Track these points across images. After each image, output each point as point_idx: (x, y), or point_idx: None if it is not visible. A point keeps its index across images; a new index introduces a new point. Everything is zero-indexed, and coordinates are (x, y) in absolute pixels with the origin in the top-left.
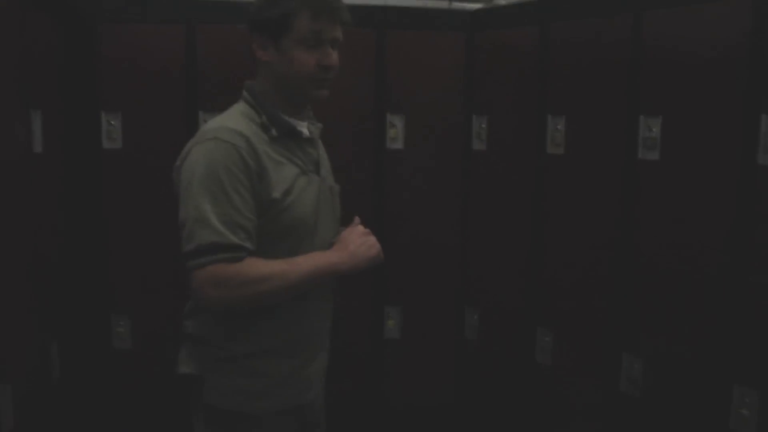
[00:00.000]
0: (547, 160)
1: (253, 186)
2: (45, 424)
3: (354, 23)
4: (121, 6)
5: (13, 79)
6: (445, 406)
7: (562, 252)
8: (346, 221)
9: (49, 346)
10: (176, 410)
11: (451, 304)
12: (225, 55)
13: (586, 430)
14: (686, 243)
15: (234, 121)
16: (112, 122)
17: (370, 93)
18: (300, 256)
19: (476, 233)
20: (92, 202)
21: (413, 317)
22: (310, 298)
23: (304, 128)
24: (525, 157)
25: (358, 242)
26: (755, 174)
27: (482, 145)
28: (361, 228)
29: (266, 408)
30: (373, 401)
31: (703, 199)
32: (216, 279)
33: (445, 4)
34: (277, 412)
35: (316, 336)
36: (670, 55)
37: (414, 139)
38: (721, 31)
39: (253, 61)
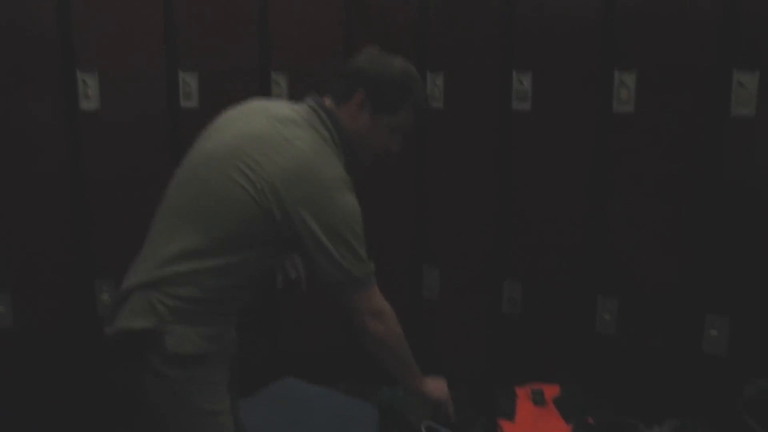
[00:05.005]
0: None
1: None
2: None
3: None
4: None
5: None
6: (336, 348)
7: (446, 197)
8: None
9: None
10: (60, 389)
11: None
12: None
13: (474, 350)
14: (554, 180)
15: (343, 172)
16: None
17: (255, 51)
18: None
19: None
20: None
21: None
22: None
23: None
24: None
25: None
26: (611, 121)
27: None
28: None
29: (220, 347)
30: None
31: (568, 143)
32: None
33: None
34: (224, 346)
35: None
36: (538, 16)
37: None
38: None
39: None
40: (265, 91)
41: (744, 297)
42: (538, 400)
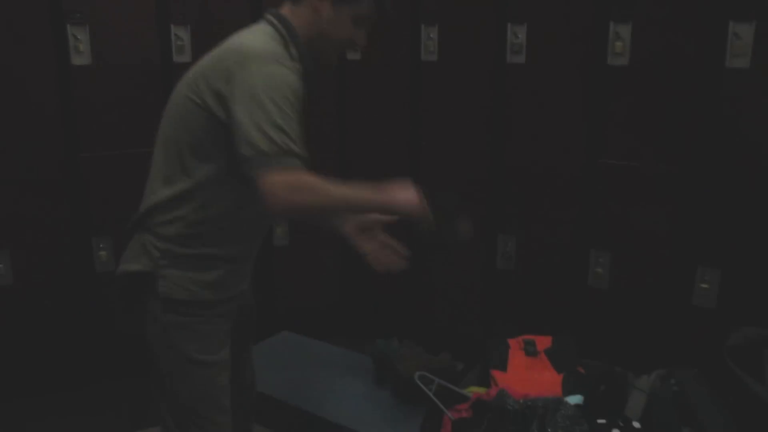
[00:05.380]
0: (421, 67)
1: None
2: None
3: None
4: None
5: None
6: (331, 304)
7: (440, 151)
8: None
9: None
10: (58, 345)
11: None
12: None
13: (467, 302)
14: (548, 134)
15: (282, 52)
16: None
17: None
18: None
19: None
20: None
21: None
22: (264, 221)
23: None
24: (398, 65)
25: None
26: (605, 74)
27: (356, 56)
28: None
29: (217, 295)
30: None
31: (563, 96)
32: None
33: None
34: (225, 298)
35: (257, 244)
36: None
37: None
38: None
39: None
40: None
41: (735, 250)
42: (530, 350)
